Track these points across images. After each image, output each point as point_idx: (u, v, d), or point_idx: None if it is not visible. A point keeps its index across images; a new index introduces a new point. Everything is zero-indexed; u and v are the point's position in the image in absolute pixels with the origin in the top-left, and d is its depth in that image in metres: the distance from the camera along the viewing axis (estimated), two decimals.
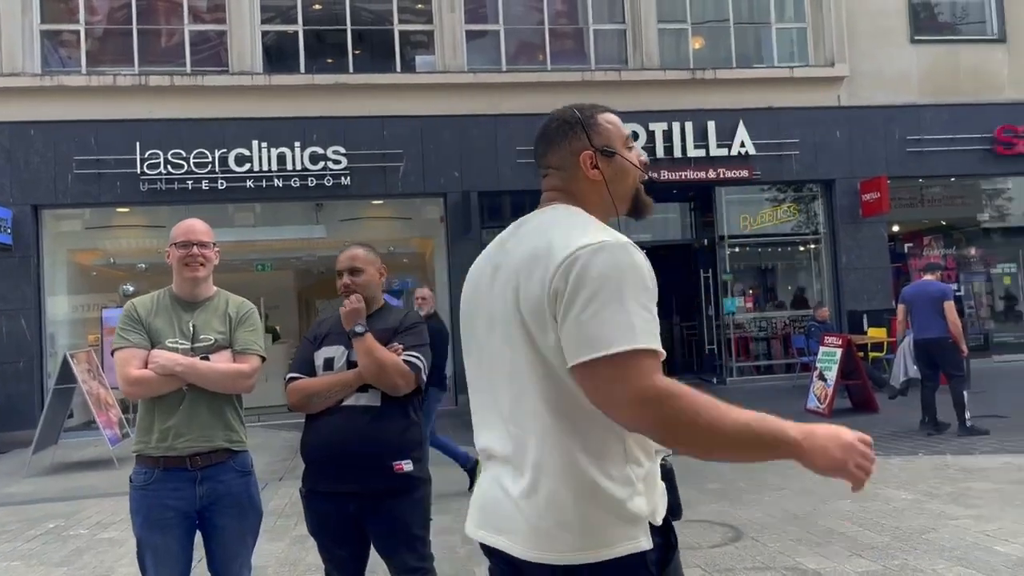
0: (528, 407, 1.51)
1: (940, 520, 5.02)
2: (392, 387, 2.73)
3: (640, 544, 1.46)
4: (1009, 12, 14.21)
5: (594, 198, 1.64)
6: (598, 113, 1.70)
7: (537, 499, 1.48)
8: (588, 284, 1.40)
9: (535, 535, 1.47)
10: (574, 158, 1.64)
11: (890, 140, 13.73)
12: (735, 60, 13.78)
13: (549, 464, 1.47)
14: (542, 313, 1.46)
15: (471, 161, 12.71)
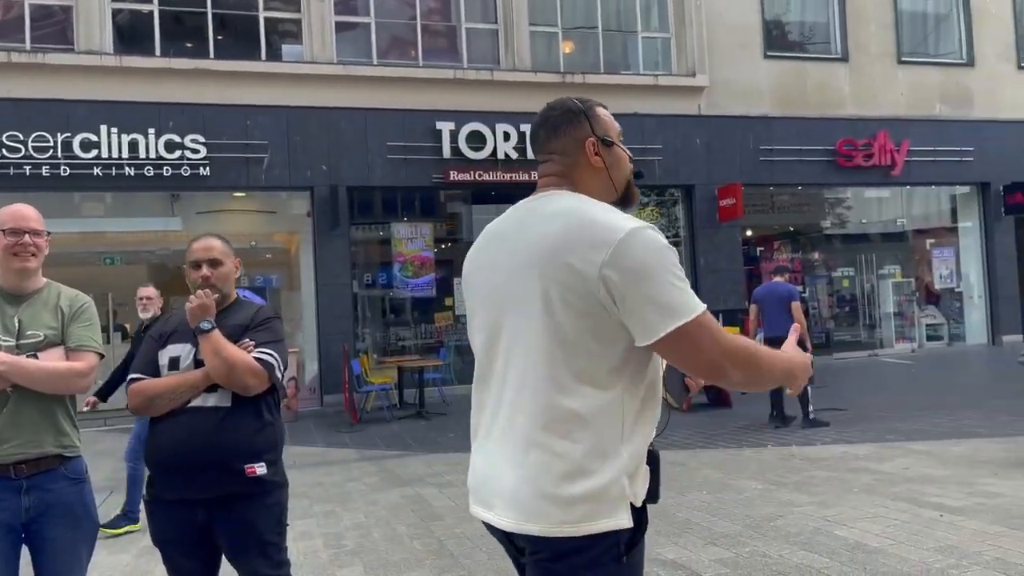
0: (532, 384, 1.58)
1: (786, 507, 5.32)
2: (243, 387, 2.57)
3: (620, 523, 1.54)
4: (851, 34, 15.34)
5: (595, 184, 1.73)
6: (595, 106, 1.81)
7: (528, 473, 1.56)
8: (639, 270, 1.51)
9: (523, 507, 1.56)
10: (578, 145, 1.74)
11: (745, 149, 14.51)
12: (603, 66, 14.14)
13: (544, 440, 1.55)
14: (587, 300, 1.54)
15: (340, 155, 12.41)
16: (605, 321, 1.55)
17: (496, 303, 1.69)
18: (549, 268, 1.57)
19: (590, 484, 1.53)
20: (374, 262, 13.39)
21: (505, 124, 12.99)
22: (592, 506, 1.53)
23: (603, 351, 1.57)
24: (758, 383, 1.67)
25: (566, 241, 1.57)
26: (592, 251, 1.53)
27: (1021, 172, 15.80)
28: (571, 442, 1.54)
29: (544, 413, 1.56)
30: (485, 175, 12.91)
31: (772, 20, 15.19)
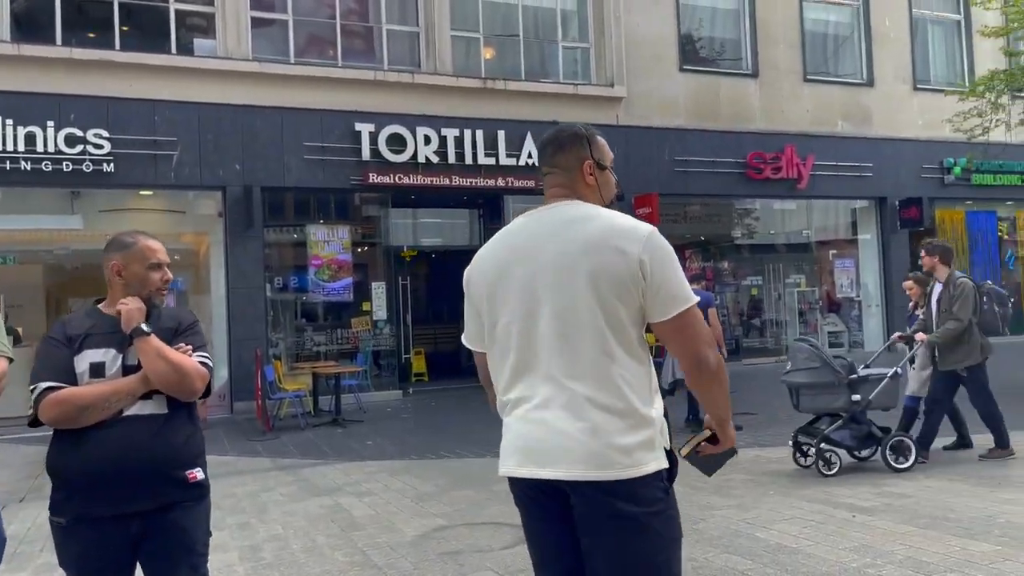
0: (588, 357, 1.91)
1: (707, 511, 5.42)
2: (191, 392, 2.49)
3: (663, 463, 1.95)
4: (761, 51, 15.90)
5: (591, 198, 2.07)
6: (597, 135, 2.16)
7: (595, 429, 1.87)
8: (663, 259, 1.91)
9: (591, 459, 1.87)
10: (579, 163, 2.09)
11: (661, 160, 14.82)
12: (524, 73, 14.21)
13: (605, 402, 1.89)
14: (625, 282, 1.90)
15: (254, 154, 12.03)
16: (635, 302, 1.93)
17: (532, 293, 1.98)
18: (597, 256, 1.91)
19: (642, 436, 1.90)
20: (289, 265, 13.03)
21: (426, 127, 12.88)
22: (645, 452, 1.89)
23: (634, 329, 1.95)
24: (720, 385, 2.01)
25: (608, 234, 1.93)
26: (630, 241, 1.91)
27: (915, 188, 16.71)
28: (624, 403, 1.90)
29: (601, 381, 1.90)
30: (405, 178, 12.75)
31: (687, 35, 15.60)
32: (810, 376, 6.29)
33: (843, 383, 6.21)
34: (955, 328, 6.35)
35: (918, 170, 16.89)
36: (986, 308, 6.59)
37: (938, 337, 6.43)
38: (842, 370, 6.23)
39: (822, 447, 6.24)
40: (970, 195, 17.62)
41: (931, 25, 17.91)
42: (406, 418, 11.05)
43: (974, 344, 6.43)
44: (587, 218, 1.97)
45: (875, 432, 6.38)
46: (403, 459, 8.10)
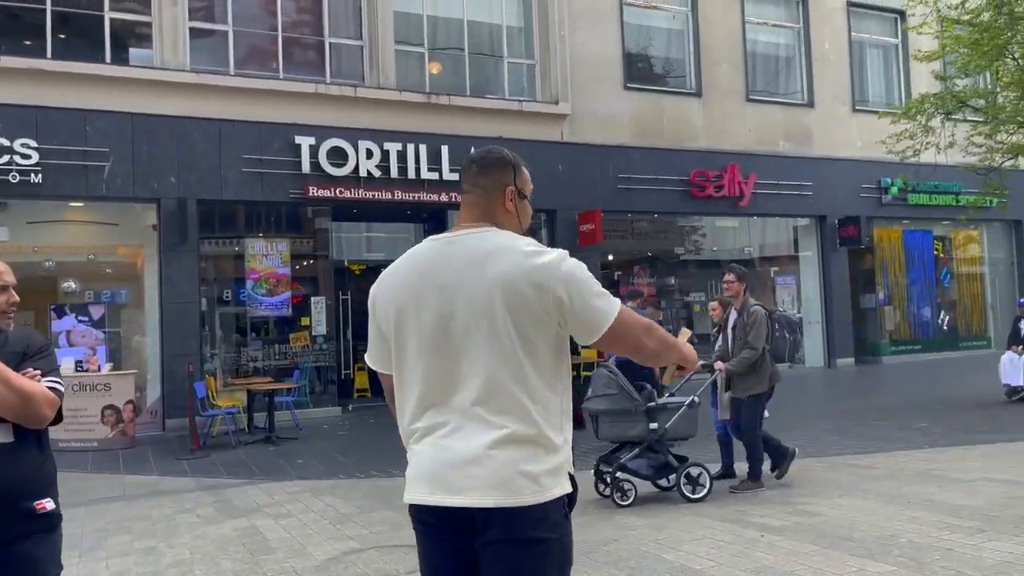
0: (500, 386, 1.93)
1: (622, 531, 5.41)
2: (39, 419, 2.38)
3: (567, 487, 1.99)
4: (705, 71, 16.15)
5: (509, 225, 2.08)
6: (522, 164, 2.17)
7: (505, 457, 1.90)
8: (579, 287, 1.94)
9: (501, 486, 1.89)
10: (500, 188, 2.09)
11: (605, 177, 14.94)
12: (469, 89, 14.22)
13: (516, 430, 1.91)
14: (541, 316, 1.94)
15: (190, 166, 11.83)
16: (553, 330, 1.97)
17: (447, 325, 1.98)
18: (513, 291, 1.93)
19: (551, 462, 1.94)
20: (226, 279, 12.81)
21: (368, 141, 12.80)
22: (552, 478, 1.93)
23: (551, 356, 1.98)
24: (666, 350, 2.12)
25: (523, 269, 1.94)
26: (546, 276, 1.93)
27: (853, 207, 17.09)
28: (535, 430, 1.93)
29: (513, 409, 1.92)
30: (346, 192, 12.64)
31: (632, 54, 15.78)
32: (608, 403, 6.19)
33: (640, 411, 6.14)
34: (750, 356, 6.32)
35: (857, 189, 17.28)
36: (777, 335, 6.58)
37: (735, 366, 6.39)
38: (639, 398, 6.16)
39: (618, 476, 6.09)
40: (907, 214, 18.07)
41: (869, 48, 18.40)
42: (342, 435, 10.90)
43: (764, 372, 6.41)
44: (502, 251, 1.97)
45: (671, 461, 6.26)
46: (330, 478, 7.97)
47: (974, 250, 19.58)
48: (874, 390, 13.67)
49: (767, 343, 6.42)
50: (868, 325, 18.00)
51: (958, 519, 5.22)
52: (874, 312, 17.95)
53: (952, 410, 10.47)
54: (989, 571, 4.23)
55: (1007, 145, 12.63)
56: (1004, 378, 11.23)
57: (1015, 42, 11.93)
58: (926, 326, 18.56)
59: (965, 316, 19.21)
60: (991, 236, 19.68)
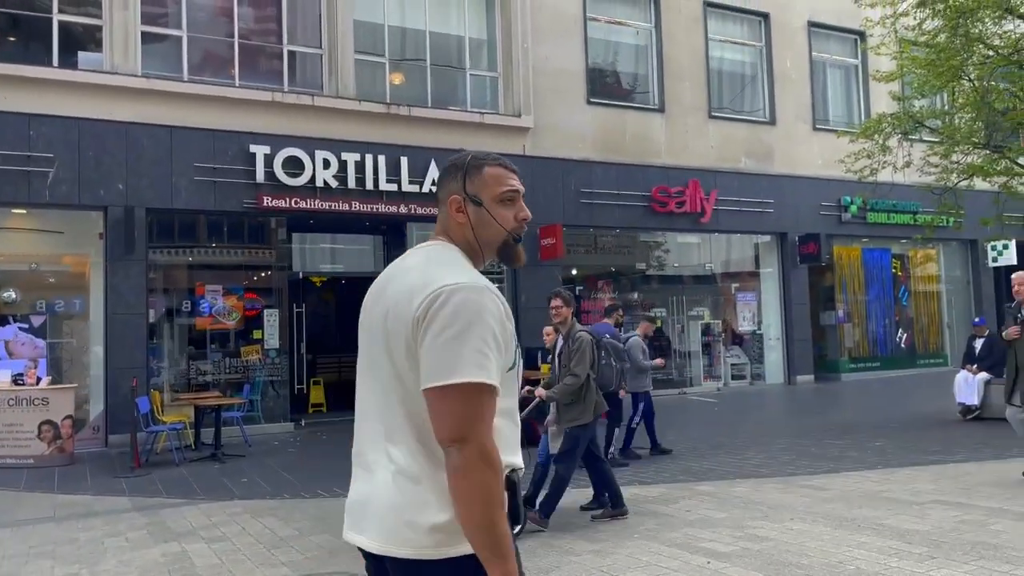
0: (391, 419, 1.73)
1: (566, 556, 5.24)
2: None
3: (467, 548, 1.63)
4: (668, 87, 16.17)
5: (460, 238, 1.83)
6: (488, 164, 1.87)
7: (391, 500, 1.68)
8: (444, 317, 1.62)
9: (387, 532, 1.68)
10: (447, 198, 1.86)
11: (567, 191, 14.85)
12: (431, 100, 14.05)
13: (412, 473, 1.68)
14: (406, 340, 1.67)
15: (140, 173, 11.50)
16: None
17: (368, 346, 1.81)
18: (392, 318, 1.72)
19: (444, 515, 1.64)
20: (176, 290, 12.46)
21: (325, 151, 12.57)
22: (447, 534, 1.64)
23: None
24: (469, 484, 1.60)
25: (404, 293, 1.71)
26: (415, 299, 1.67)
27: (813, 224, 17.20)
28: (427, 476, 1.67)
29: (403, 449, 1.70)
30: (302, 203, 12.38)
31: (595, 68, 15.75)
32: None
33: None
34: (572, 384, 5.98)
35: (817, 207, 17.40)
36: (604, 363, 6.30)
37: (556, 393, 6.04)
38: None
39: None
40: (866, 233, 18.23)
41: (830, 68, 18.59)
42: (292, 452, 10.60)
43: (589, 402, 6.08)
44: (407, 271, 1.78)
45: None
46: (274, 498, 7.70)
47: (931, 269, 19.82)
48: (832, 408, 13.69)
49: (592, 371, 6.12)
50: (828, 342, 18.10)
51: (908, 544, 5.13)
52: (834, 329, 18.05)
53: (907, 429, 10.47)
54: None
55: (962, 165, 12.77)
56: (958, 397, 11.27)
57: (970, 64, 12.07)
58: (884, 343, 18.71)
59: (922, 334, 19.41)
60: (948, 255, 19.93)
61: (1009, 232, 16.10)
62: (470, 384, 1.60)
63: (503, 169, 1.89)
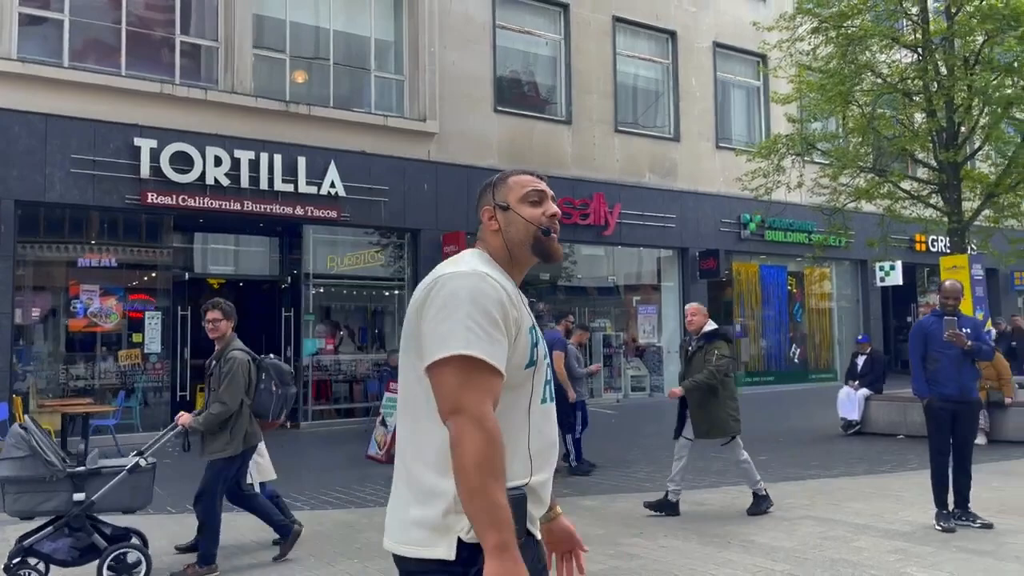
0: (402, 420, 1.82)
1: None
2: None
3: (437, 552, 1.67)
4: (575, 99, 16.25)
5: (495, 244, 1.96)
6: (512, 176, 2.01)
7: (398, 500, 1.77)
8: (438, 301, 1.72)
9: (390, 529, 1.78)
10: (481, 213, 2.02)
11: (472, 198, 14.63)
12: (333, 100, 13.68)
13: (410, 470, 1.75)
14: (413, 331, 1.77)
15: (9, 163, 10.76)
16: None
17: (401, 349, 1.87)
18: (410, 309, 1.82)
19: (421, 513, 1.70)
20: (49, 289, 11.69)
21: (217, 148, 12.05)
22: (423, 533, 1.69)
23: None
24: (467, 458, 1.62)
25: (421, 287, 1.82)
26: (418, 293, 1.80)
27: (713, 240, 17.57)
28: (418, 473, 1.73)
29: (406, 447, 1.79)
30: (190, 200, 11.83)
31: (504, 77, 15.69)
32: (15, 468, 4.83)
33: (60, 478, 4.89)
34: (220, 412, 5.22)
35: (718, 224, 17.79)
36: (263, 388, 5.44)
37: (200, 423, 5.26)
38: (59, 461, 4.92)
39: (19, 562, 4.85)
40: (763, 250, 18.76)
41: (733, 88, 19.08)
42: (167, 463, 10.03)
43: (238, 432, 5.30)
44: (432, 272, 1.86)
45: (97, 542, 5.01)
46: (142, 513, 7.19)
47: (825, 287, 20.55)
48: None
49: (247, 396, 5.35)
50: None
51: (771, 561, 5.14)
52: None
53: (791, 443, 10.71)
54: None
55: (850, 188, 13.25)
56: (841, 412, 11.64)
57: (859, 90, 12.53)
58: (779, 358, 19.27)
59: (814, 350, 20.09)
60: (840, 274, 20.72)
61: (894, 253, 16.81)
62: (461, 357, 1.66)
63: (527, 176, 2.02)
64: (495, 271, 1.85)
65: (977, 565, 4.98)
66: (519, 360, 1.77)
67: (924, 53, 12.19)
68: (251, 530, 6.31)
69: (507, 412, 1.75)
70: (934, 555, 5.23)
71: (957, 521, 5.97)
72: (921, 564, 5.03)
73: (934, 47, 12.10)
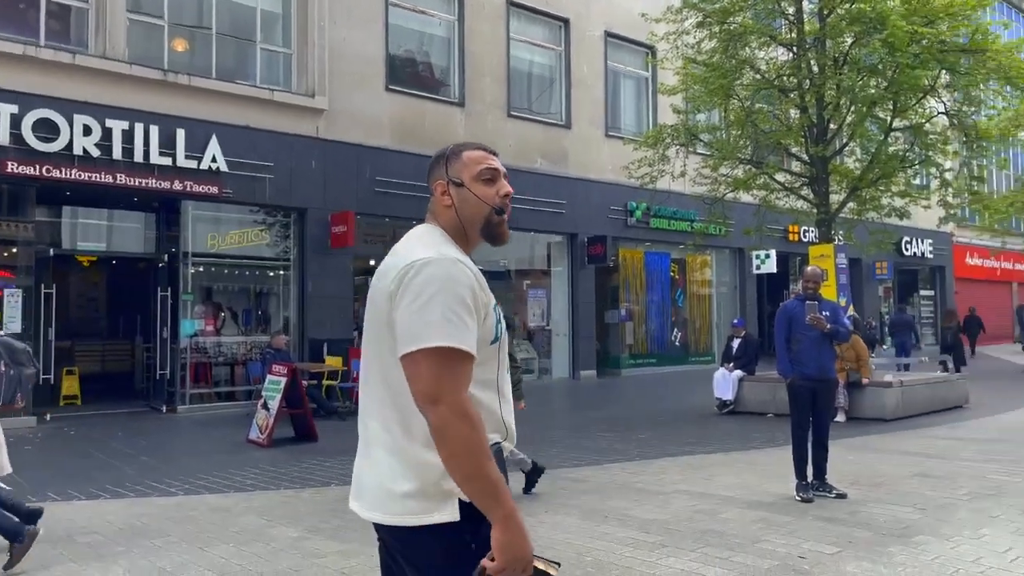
0: (376, 392, 1.85)
1: (309, 559, 4.96)
2: None
3: (441, 516, 1.73)
4: (469, 82, 16.20)
5: (447, 220, 1.95)
6: (467, 149, 2.00)
7: (373, 469, 1.82)
8: (413, 289, 1.73)
9: (372, 499, 1.81)
10: (433, 186, 1.99)
11: (361, 178, 14.45)
12: (215, 71, 13.12)
13: (387, 442, 1.80)
14: (385, 315, 1.80)
15: None
16: None
17: (367, 324, 1.90)
18: (375, 295, 1.85)
19: (415, 484, 1.74)
20: None
21: (86, 116, 11.35)
22: (422, 502, 1.73)
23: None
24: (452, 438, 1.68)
25: (384, 272, 1.84)
26: (391, 275, 1.79)
27: (601, 227, 17.96)
28: (402, 445, 1.78)
29: (383, 419, 1.82)
30: (55, 171, 11.10)
31: (396, 56, 15.46)
32: None
33: None
34: None
35: (606, 210, 18.19)
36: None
37: None
38: None
39: None
40: (649, 237, 19.34)
41: (623, 78, 19.51)
42: (28, 450, 9.44)
43: None
44: (395, 251, 1.89)
45: None
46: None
47: (705, 273, 21.40)
48: (609, 402, 14.32)
49: None
50: (610, 339, 19.01)
51: (645, 534, 5.34)
52: (616, 327, 18.99)
53: (670, 422, 11.14)
54: None
55: (729, 179, 13.81)
56: (716, 392, 12.18)
57: (739, 84, 13.06)
58: (661, 342, 19.95)
59: (695, 333, 20.92)
60: (720, 262, 21.62)
61: (769, 243, 17.67)
62: (438, 348, 1.69)
63: (481, 152, 2.00)
64: (460, 253, 1.87)
65: (832, 533, 5.34)
66: (486, 336, 1.81)
67: (799, 52, 12.82)
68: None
69: (478, 387, 1.81)
70: (793, 524, 5.57)
71: (815, 492, 6.37)
72: (780, 532, 5.35)
73: (808, 47, 12.74)
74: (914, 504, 6.08)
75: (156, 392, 13.09)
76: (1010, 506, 5.98)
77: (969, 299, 28.08)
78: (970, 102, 13.10)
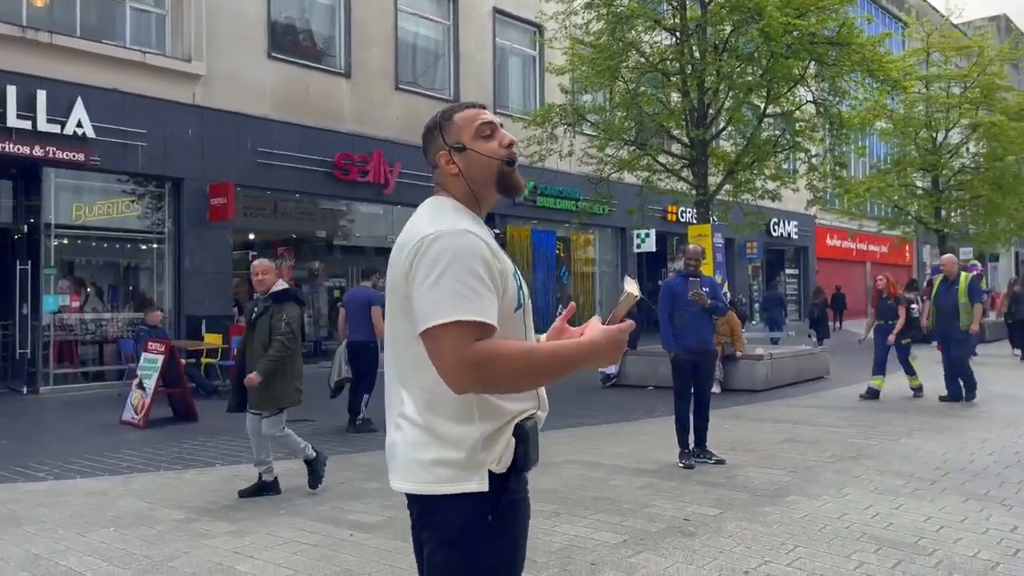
0: (401, 366, 1.86)
1: (199, 540, 4.80)
2: None
3: (469, 486, 1.77)
4: (355, 52, 15.83)
5: (458, 188, 1.91)
6: (456, 112, 1.93)
7: (402, 440, 1.83)
8: (424, 266, 1.73)
9: (400, 469, 1.84)
10: (436, 158, 1.94)
11: (242, 148, 13.90)
12: (80, 29, 12.24)
13: (406, 414, 1.83)
14: (402, 289, 1.80)
15: None
16: None
17: (388, 300, 1.89)
18: (392, 273, 1.84)
19: (447, 453, 1.76)
20: None
21: None
22: (446, 470, 1.76)
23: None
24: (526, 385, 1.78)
25: (398, 249, 1.83)
26: (406, 251, 1.78)
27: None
28: (423, 418, 1.79)
29: (410, 390, 1.82)
30: None
31: (279, 22, 14.91)
32: None
33: None
34: None
35: None
36: None
37: None
38: None
39: None
40: (535, 215, 19.57)
41: (511, 56, 19.58)
42: None
43: None
44: (409, 224, 1.87)
45: None
46: None
47: (589, 252, 21.92)
48: None
49: None
50: None
51: (540, 503, 5.46)
52: None
53: (558, 395, 11.26)
54: (556, 555, 4.41)
55: (614, 159, 14.17)
56: None
57: (625, 67, 13.38)
58: (547, 319, 20.29)
59: (579, 311, 21.41)
60: (603, 240, 22.18)
61: (650, 222, 18.28)
62: (454, 323, 1.67)
63: (471, 109, 1.95)
64: (472, 223, 1.83)
65: (713, 495, 5.65)
66: (508, 305, 1.81)
67: (681, 37, 13.26)
68: None
69: None
70: (677, 488, 5.86)
71: (696, 459, 6.71)
72: (667, 497, 5.62)
73: (690, 32, 13.19)
74: (785, 467, 6.52)
75: (16, 373, 12.23)
76: (869, 467, 6.50)
77: (830, 277, 30.09)
78: (835, 92, 13.95)
